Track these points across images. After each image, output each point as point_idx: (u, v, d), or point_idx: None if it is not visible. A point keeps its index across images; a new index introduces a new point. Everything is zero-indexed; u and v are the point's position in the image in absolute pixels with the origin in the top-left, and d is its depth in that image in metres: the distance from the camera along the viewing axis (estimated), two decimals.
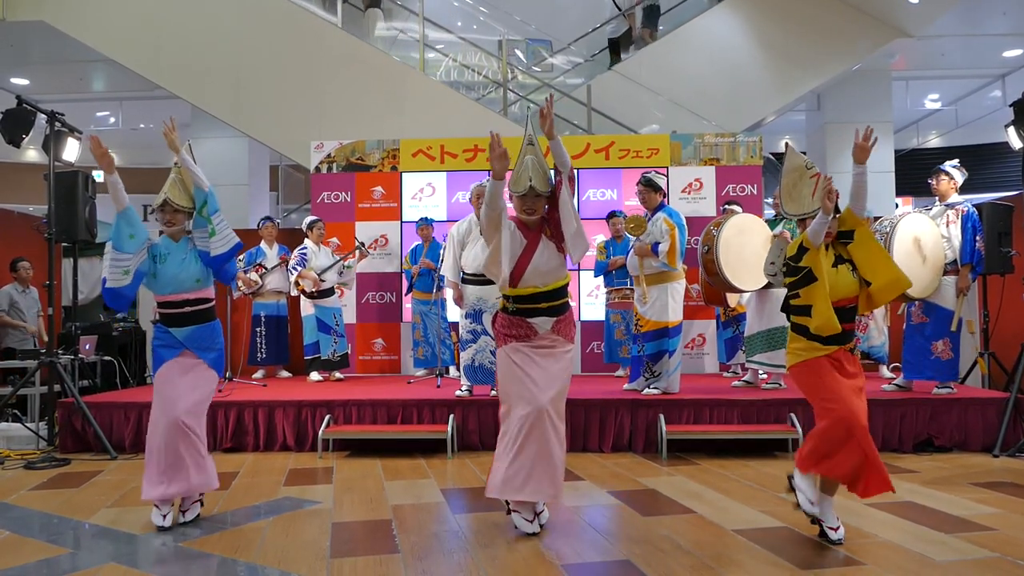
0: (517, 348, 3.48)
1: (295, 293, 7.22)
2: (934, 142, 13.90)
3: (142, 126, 12.36)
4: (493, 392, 5.44)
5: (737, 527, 3.52)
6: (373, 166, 8.03)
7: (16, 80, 10.77)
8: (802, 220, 3.41)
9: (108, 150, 3.60)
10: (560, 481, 3.46)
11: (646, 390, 5.67)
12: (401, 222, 7.98)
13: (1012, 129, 5.85)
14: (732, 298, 6.62)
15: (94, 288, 8.89)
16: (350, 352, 7.47)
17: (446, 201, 7.99)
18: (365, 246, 7.54)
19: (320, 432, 5.34)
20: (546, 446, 3.37)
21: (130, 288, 3.58)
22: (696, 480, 4.50)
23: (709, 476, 4.60)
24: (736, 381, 6.34)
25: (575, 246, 3.45)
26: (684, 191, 7.79)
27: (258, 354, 7.54)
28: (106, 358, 7.25)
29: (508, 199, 3.54)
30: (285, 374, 7.78)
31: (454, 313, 6.88)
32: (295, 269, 7.05)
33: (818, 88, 10.21)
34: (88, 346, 7.02)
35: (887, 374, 6.60)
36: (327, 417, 5.45)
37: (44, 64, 10.22)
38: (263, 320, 7.56)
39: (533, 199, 3.43)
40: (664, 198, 5.89)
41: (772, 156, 9.67)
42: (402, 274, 7.77)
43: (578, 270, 7.81)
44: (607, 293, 7.27)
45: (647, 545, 3.28)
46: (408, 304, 7.75)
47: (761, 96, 9.60)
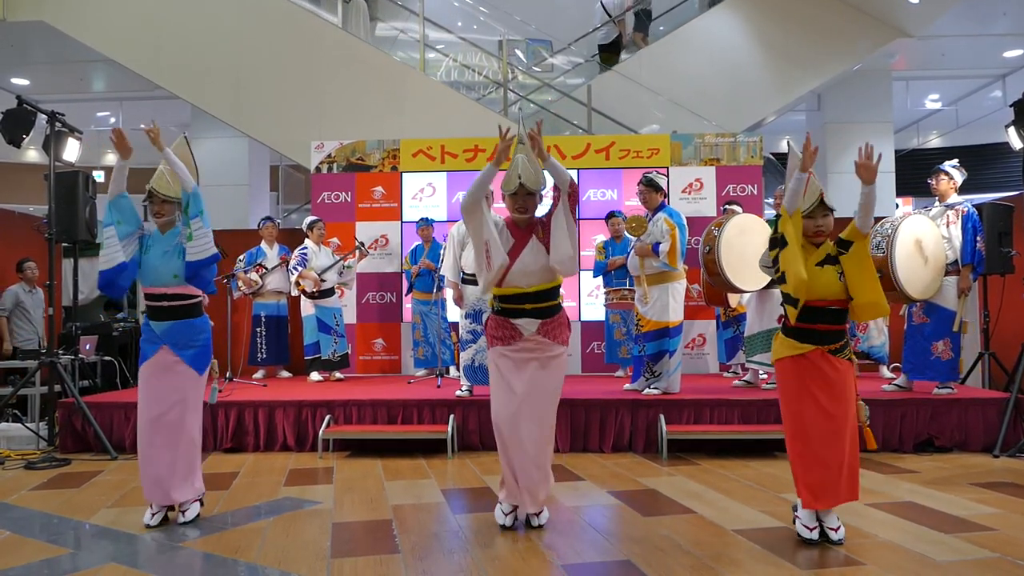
0: (503, 353, 3.49)
1: (295, 293, 7.22)
2: (934, 142, 13.88)
3: (142, 126, 12.26)
4: None
5: (737, 527, 3.52)
6: (373, 166, 8.03)
7: (16, 80, 10.77)
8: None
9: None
10: (538, 486, 3.45)
11: (646, 390, 5.67)
12: (401, 222, 7.98)
13: (1012, 129, 5.84)
14: (733, 298, 6.62)
15: (94, 288, 8.88)
16: (350, 352, 7.47)
17: (446, 201, 7.99)
18: (365, 246, 7.54)
19: (320, 432, 5.34)
20: (519, 455, 3.41)
21: (116, 274, 3.55)
22: (696, 480, 4.50)
23: (709, 476, 4.60)
24: (736, 381, 6.34)
25: (562, 267, 3.41)
26: (684, 191, 7.79)
27: (258, 354, 7.54)
28: (106, 358, 7.25)
29: (502, 199, 3.56)
30: (285, 374, 7.78)
31: (454, 313, 6.88)
32: (295, 269, 7.04)
33: (818, 88, 10.20)
34: (88, 346, 7.02)
35: (887, 374, 6.60)
36: (327, 417, 5.46)
37: (44, 64, 10.21)
38: (263, 320, 7.56)
39: (524, 197, 3.44)
40: (665, 198, 5.89)
41: (772, 156, 9.66)
42: (402, 275, 7.78)
43: (578, 270, 7.81)
44: (606, 293, 7.27)
45: (647, 545, 3.28)
46: (408, 304, 7.74)
47: (761, 96, 9.59)
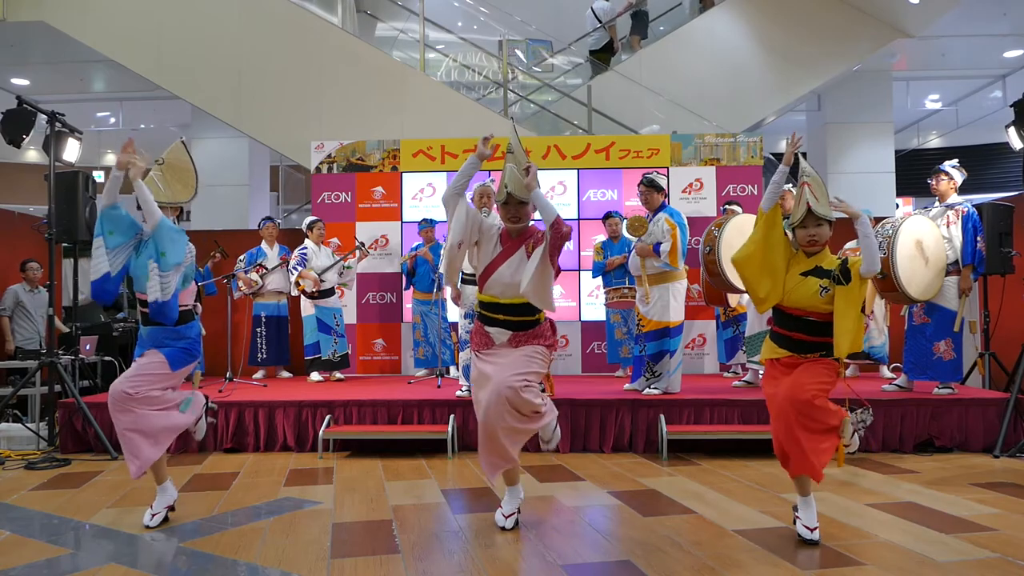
0: (478, 355, 3.51)
1: (295, 293, 7.22)
2: (934, 142, 13.89)
3: (142, 126, 12.37)
4: None
5: (737, 527, 3.52)
6: (373, 166, 8.03)
7: (16, 80, 10.78)
8: (791, 229, 3.34)
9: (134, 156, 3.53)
10: (508, 451, 3.36)
11: (646, 390, 5.67)
12: (402, 222, 7.98)
13: (1012, 129, 5.85)
14: (733, 298, 6.63)
15: None
16: (350, 352, 7.47)
17: None
18: (365, 246, 7.54)
19: (321, 432, 5.34)
20: (491, 423, 3.32)
21: (102, 283, 3.49)
22: (696, 480, 4.50)
23: (709, 476, 4.60)
24: (736, 381, 6.34)
25: (530, 298, 3.37)
26: (684, 191, 7.79)
27: (258, 354, 7.54)
28: (106, 358, 7.26)
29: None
30: (285, 374, 7.78)
31: (454, 313, 6.88)
32: (295, 269, 7.05)
33: (818, 88, 10.21)
34: (88, 346, 7.03)
35: (887, 374, 6.61)
36: (328, 417, 5.46)
37: (44, 64, 10.22)
38: (263, 320, 7.56)
39: (515, 206, 3.43)
40: (665, 198, 5.89)
41: (772, 156, 9.66)
42: (401, 269, 7.76)
43: (578, 270, 7.82)
44: (606, 293, 7.26)
45: (647, 545, 3.27)
46: (408, 304, 7.75)
47: (761, 96, 9.60)
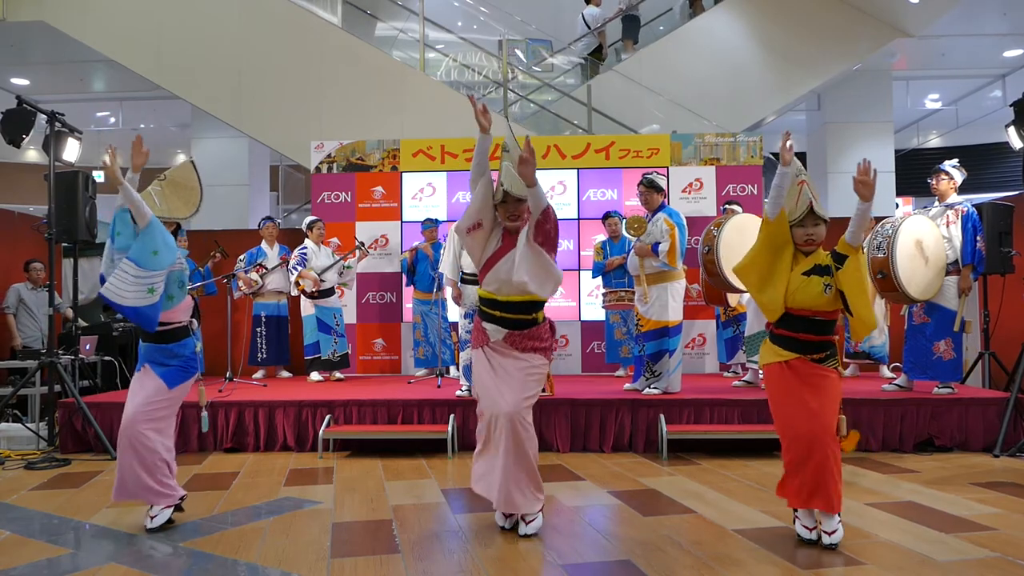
0: (480, 352, 3.51)
1: (295, 293, 7.22)
2: (934, 142, 13.89)
3: (142, 126, 12.38)
4: None
5: (738, 527, 3.52)
6: (373, 166, 8.03)
7: (16, 80, 10.78)
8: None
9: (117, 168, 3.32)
10: (520, 492, 3.35)
11: (646, 390, 5.67)
12: (401, 222, 7.98)
13: (1012, 129, 5.85)
14: (732, 298, 6.63)
15: (94, 288, 8.86)
16: (350, 352, 7.47)
17: (446, 201, 7.98)
18: (365, 246, 7.54)
19: (321, 432, 5.34)
20: (509, 455, 3.32)
21: (156, 308, 3.35)
22: (697, 480, 4.50)
23: (710, 476, 4.60)
24: (736, 381, 6.34)
25: (531, 282, 3.34)
26: (684, 191, 7.79)
27: (258, 354, 7.54)
28: (106, 358, 7.25)
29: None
30: (285, 374, 7.78)
31: (454, 313, 6.88)
32: (295, 269, 7.05)
33: (818, 88, 10.21)
34: (88, 346, 7.02)
35: (887, 374, 6.61)
36: (328, 417, 5.46)
37: (44, 64, 10.23)
38: (263, 320, 7.56)
39: (514, 204, 3.40)
40: (665, 198, 5.89)
41: (772, 156, 9.65)
42: (400, 265, 7.76)
43: (578, 270, 7.82)
44: (604, 295, 7.26)
45: (647, 545, 3.28)
46: (408, 304, 7.75)
47: (761, 96, 9.60)
